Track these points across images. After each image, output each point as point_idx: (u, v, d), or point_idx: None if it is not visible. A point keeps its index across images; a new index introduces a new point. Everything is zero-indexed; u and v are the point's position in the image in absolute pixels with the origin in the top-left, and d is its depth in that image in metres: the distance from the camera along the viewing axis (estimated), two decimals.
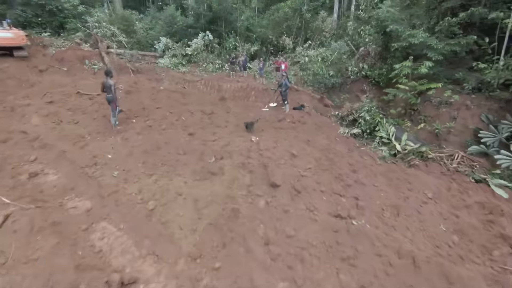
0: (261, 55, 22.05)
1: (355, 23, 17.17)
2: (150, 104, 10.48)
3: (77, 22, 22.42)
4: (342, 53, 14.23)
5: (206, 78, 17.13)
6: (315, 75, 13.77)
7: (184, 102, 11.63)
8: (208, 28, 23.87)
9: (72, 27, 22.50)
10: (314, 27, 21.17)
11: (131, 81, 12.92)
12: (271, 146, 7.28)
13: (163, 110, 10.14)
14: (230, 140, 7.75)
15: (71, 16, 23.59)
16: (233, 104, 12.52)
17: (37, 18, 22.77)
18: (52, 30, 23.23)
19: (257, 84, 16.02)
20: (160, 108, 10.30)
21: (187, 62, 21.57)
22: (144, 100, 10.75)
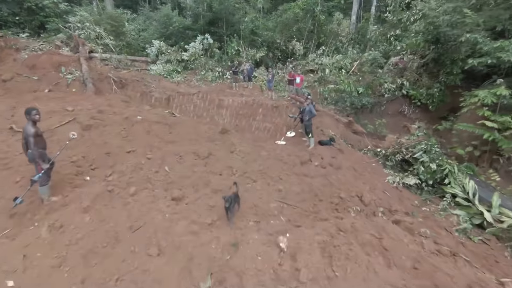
0: (267, 62, 19.38)
1: (380, 27, 14.56)
2: (119, 145, 7.25)
3: (59, 22, 19.75)
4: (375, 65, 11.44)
5: (204, 90, 14.45)
6: (338, 92, 11.13)
7: (170, 139, 8.31)
8: (208, 30, 21.24)
9: (53, 28, 19.84)
10: (328, 31, 18.54)
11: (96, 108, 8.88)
12: (316, 264, 3.76)
13: (137, 155, 6.95)
14: (239, 238, 4.41)
15: (53, 15, 20.95)
16: (238, 137, 9.35)
17: (14, 17, 20.13)
18: (32, 30, 20.58)
19: (265, 99, 13.34)
20: (133, 152, 7.09)
21: (183, 69, 18.91)
22: (112, 139, 7.42)
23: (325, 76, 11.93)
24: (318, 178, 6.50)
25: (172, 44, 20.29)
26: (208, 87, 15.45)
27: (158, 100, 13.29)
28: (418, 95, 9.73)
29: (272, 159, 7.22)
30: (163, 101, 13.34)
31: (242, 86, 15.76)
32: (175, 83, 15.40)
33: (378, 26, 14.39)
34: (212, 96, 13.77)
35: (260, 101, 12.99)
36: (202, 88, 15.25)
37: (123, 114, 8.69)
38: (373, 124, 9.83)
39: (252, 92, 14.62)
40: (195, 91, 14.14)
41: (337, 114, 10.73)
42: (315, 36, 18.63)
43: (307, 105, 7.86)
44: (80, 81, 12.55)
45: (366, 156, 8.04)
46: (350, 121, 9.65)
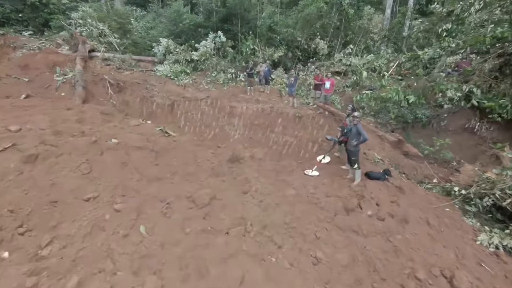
0: (286, 62, 17.22)
1: (425, 21, 12.10)
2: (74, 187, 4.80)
3: (63, 19, 18.40)
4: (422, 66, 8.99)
5: (213, 95, 12.48)
6: (380, 100, 8.85)
7: (155, 174, 5.64)
8: (221, 28, 19.34)
9: (58, 25, 18.52)
10: (357, 27, 16.18)
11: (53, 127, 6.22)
12: None
13: (99, 205, 4.63)
14: None
15: (58, 11, 19.69)
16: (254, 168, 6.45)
17: (17, 14, 19.01)
18: (36, 28, 19.39)
19: (285, 106, 11.21)
20: (94, 199, 4.68)
21: (193, 69, 17.07)
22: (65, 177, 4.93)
23: (361, 80, 9.69)
24: (375, 238, 4.30)
25: (181, 43, 18.52)
26: (219, 91, 13.47)
27: (160, 107, 11.42)
28: (497, 108, 7.27)
29: (302, 203, 4.99)
30: (165, 108, 11.45)
31: (257, 90, 13.70)
32: (181, 86, 13.52)
33: (423, 20, 11.98)
34: (223, 102, 11.77)
35: (280, 109, 10.87)
36: (212, 92, 13.28)
37: (92, 135, 6.10)
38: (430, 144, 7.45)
39: (269, 98, 12.50)
40: (204, 96, 12.18)
41: (379, 129, 8.45)
42: (341, 33, 16.33)
43: (354, 125, 5.50)
44: (72, 84, 10.87)
45: (433, 195, 5.73)
46: (399, 140, 7.33)
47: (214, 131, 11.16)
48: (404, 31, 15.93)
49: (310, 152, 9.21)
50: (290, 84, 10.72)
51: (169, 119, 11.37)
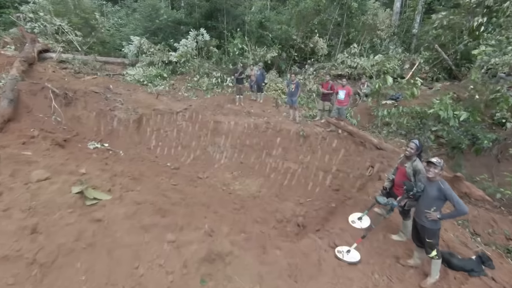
0: (280, 64, 14.91)
1: (449, 14, 10.03)
2: None
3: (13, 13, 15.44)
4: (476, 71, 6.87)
5: (194, 106, 9.99)
6: (413, 114, 6.59)
7: None
8: (204, 25, 16.86)
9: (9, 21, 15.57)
10: (360, 23, 14.05)
11: None
12: None
13: None
14: None
15: (10, 5, 16.69)
16: (250, 265, 3.15)
17: None
18: None
19: (284, 121, 8.86)
20: None
21: (171, 73, 14.52)
22: None
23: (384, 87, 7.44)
24: None
25: (158, 42, 15.91)
26: (201, 100, 10.98)
27: (124, 123, 8.84)
28: None
29: None
30: (130, 125, 8.89)
31: (248, 98, 11.30)
32: (155, 94, 10.94)
33: (447, 13, 9.92)
34: (206, 115, 9.30)
35: (278, 124, 8.51)
36: (193, 102, 10.78)
37: None
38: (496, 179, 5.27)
39: (263, 109, 10.12)
40: (182, 108, 9.67)
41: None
42: (343, 30, 14.17)
43: (430, 181, 3.06)
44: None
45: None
46: (456, 176, 5.10)
47: (194, 153, 8.70)
48: (414, 27, 13.95)
49: (321, 185, 6.89)
50: (291, 92, 8.41)
51: (135, 139, 8.82)
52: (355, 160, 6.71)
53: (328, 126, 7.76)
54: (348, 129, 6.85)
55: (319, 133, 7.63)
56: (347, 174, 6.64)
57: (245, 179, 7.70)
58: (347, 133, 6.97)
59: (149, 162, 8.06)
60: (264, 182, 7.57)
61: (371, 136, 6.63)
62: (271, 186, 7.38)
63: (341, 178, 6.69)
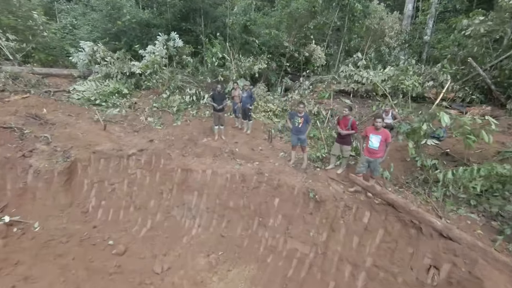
0: (270, 76, 12.34)
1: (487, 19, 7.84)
2: None
3: None
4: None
5: (157, 143, 7.19)
6: (496, 179, 4.26)
7: None
8: (178, 28, 14.10)
9: None
10: (364, 29, 11.76)
11: None
12: None
13: None
14: None
15: None
16: None
17: None
18: None
19: (284, 168, 6.24)
20: None
21: (134, 88, 11.61)
22: None
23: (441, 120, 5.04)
24: None
25: (120, 48, 12.96)
26: (168, 130, 8.18)
27: (43, 177, 5.93)
28: None
29: None
30: (55, 179, 5.99)
31: (232, 125, 8.66)
32: (104, 123, 8.03)
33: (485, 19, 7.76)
34: (172, 157, 6.54)
35: (274, 174, 5.90)
36: (156, 133, 7.95)
37: None
38: None
39: (252, 144, 7.47)
40: (137, 148, 6.83)
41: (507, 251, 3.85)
42: (345, 36, 11.82)
43: None
44: None
45: None
46: None
47: (153, 219, 5.93)
48: (426, 33, 11.85)
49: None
50: (297, 129, 5.74)
51: (62, 201, 5.94)
52: (404, 251, 4.21)
53: (351, 184, 5.23)
54: (389, 199, 4.37)
55: (339, 196, 5.08)
56: (392, 275, 4.13)
57: (228, 267, 5.03)
58: (389, 204, 4.47)
59: (77, 242, 5.23)
60: (257, 272, 4.94)
61: (430, 215, 4.14)
62: (269, 282, 4.76)
63: (383, 282, 4.17)
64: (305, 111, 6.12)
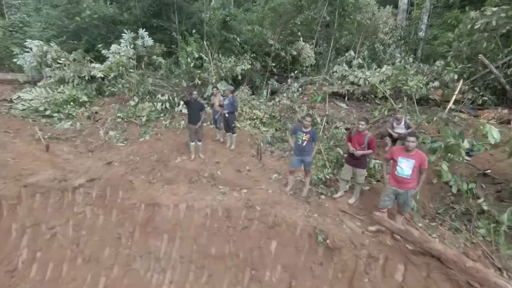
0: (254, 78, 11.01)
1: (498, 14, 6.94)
2: None
3: None
4: None
5: (116, 166, 5.63)
6: None
7: None
8: (148, 25, 12.50)
9: None
10: (355, 25, 10.69)
11: None
12: None
13: None
14: None
15: None
16: None
17: None
18: None
19: (280, 197, 4.89)
20: None
21: (96, 94, 9.92)
22: None
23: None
24: None
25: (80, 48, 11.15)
26: (132, 148, 6.60)
27: None
28: None
29: None
30: None
31: (212, 139, 7.24)
32: (47, 142, 6.35)
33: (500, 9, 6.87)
34: (133, 187, 5.02)
35: (268, 207, 4.55)
36: (116, 153, 6.36)
37: None
38: None
39: (237, 164, 6.08)
40: (87, 176, 5.25)
41: None
42: (335, 33, 10.71)
43: None
44: None
45: None
46: None
47: (107, 276, 4.40)
48: (420, 29, 10.98)
49: None
50: (300, 148, 4.36)
51: None
52: None
53: (371, 220, 3.98)
54: (434, 250, 3.14)
55: (358, 239, 3.81)
56: None
57: None
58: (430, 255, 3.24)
59: None
60: None
61: (497, 275, 2.93)
62: None
63: None
64: (312, 128, 4.64)
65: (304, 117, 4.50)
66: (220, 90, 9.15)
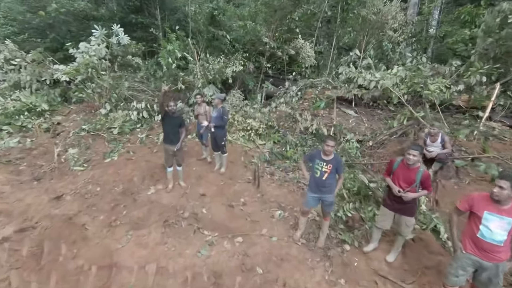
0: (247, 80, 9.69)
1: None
2: None
3: None
4: None
5: (69, 201, 4.18)
6: None
7: None
8: (128, 22, 11.11)
9: None
10: (360, 20, 9.48)
11: None
12: None
13: None
14: None
15: None
16: None
17: None
18: None
19: (289, 249, 3.57)
20: None
21: (61, 101, 8.42)
22: None
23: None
24: None
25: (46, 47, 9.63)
26: (93, 173, 5.13)
27: None
28: None
29: None
30: None
31: (197, 159, 5.87)
32: None
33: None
34: (85, 237, 3.60)
35: (273, 268, 3.20)
36: (73, 180, 4.89)
37: None
38: None
39: (228, 197, 4.70)
40: (15, 225, 3.80)
41: None
42: (338, 29, 9.46)
43: None
44: None
45: None
46: None
47: None
48: (431, 25, 9.90)
49: None
50: (319, 183, 3.05)
51: None
52: None
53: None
54: None
55: None
56: None
57: None
58: None
59: None
60: None
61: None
62: None
63: None
64: (335, 154, 3.26)
65: (326, 141, 3.16)
66: (207, 95, 7.79)
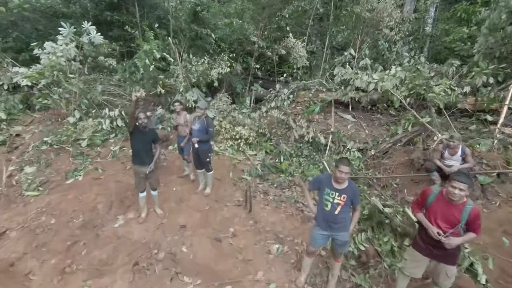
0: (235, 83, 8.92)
1: None
2: None
3: None
4: None
5: (14, 238, 3.27)
6: None
7: None
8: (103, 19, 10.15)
9: None
10: (353, 18, 8.88)
11: None
12: None
13: None
14: None
15: None
16: None
17: None
18: None
19: None
20: None
21: (22, 109, 7.39)
22: None
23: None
24: None
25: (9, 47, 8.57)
26: (50, 199, 4.22)
27: None
28: None
29: None
30: None
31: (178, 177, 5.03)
32: None
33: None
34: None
35: None
36: (23, 208, 3.98)
37: None
38: None
39: (214, 227, 3.91)
40: None
41: None
42: (331, 28, 8.83)
43: None
44: None
45: None
46: None
47: None
48: (427, 23, 9.45)
49: None
50: (329, 216, 2.44)
51: None
52: None
53: None
54: None
55: None
56: None
57: None
58: None
59: None
60: None
61: None
62: None
63: None
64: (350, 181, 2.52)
65: (338, 166, 2.41)
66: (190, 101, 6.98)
